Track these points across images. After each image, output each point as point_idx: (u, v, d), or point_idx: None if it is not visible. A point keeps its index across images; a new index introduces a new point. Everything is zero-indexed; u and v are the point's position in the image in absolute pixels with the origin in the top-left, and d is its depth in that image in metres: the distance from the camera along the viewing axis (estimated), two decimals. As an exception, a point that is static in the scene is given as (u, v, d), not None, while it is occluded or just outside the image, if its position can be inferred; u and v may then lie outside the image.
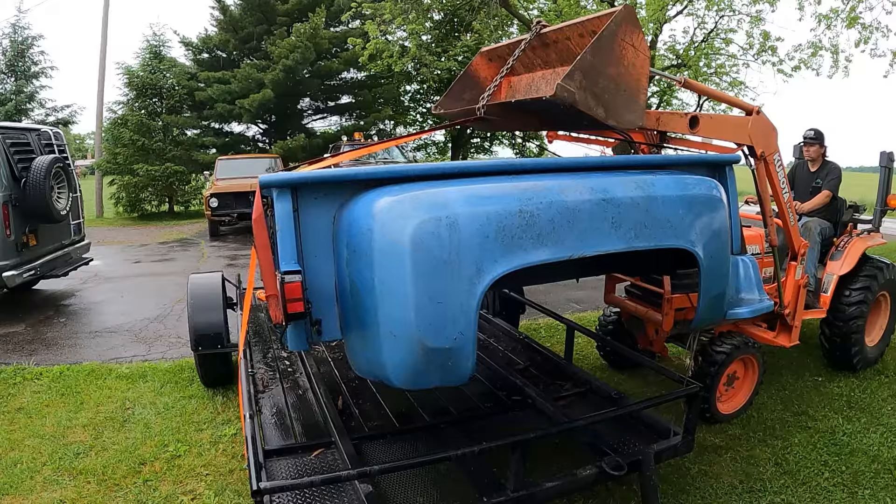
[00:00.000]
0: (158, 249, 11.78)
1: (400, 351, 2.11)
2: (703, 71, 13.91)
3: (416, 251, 2.03)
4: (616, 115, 2.77)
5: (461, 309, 2.09)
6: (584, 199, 2.32)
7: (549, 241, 2.21)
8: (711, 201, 2.72)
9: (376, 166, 2.72)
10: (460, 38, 16.33)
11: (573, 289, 8.19)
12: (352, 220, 2.16)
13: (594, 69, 2.64)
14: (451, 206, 2.09)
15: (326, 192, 2.22)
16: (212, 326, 4.17)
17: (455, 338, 2.11)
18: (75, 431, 3.87)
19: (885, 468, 3.48)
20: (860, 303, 4.59)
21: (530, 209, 2.19)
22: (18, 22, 18.99)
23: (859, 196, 5.34)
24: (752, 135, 3.49)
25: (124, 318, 6.57)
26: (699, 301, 2.84)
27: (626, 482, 3.16)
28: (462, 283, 2.08)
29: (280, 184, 2.16)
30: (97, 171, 18.54)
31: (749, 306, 3.22)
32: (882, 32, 11.21)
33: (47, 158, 6.38)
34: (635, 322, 4.52)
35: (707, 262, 2.69)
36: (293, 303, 2.08)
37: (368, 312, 2.12)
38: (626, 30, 2.72)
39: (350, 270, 2.16)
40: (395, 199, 2.12)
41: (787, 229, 3.99)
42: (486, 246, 2.09)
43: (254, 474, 2.13)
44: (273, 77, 16.20)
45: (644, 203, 2.46)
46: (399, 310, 2.06)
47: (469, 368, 2.19)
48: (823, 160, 5.09)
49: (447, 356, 2.13)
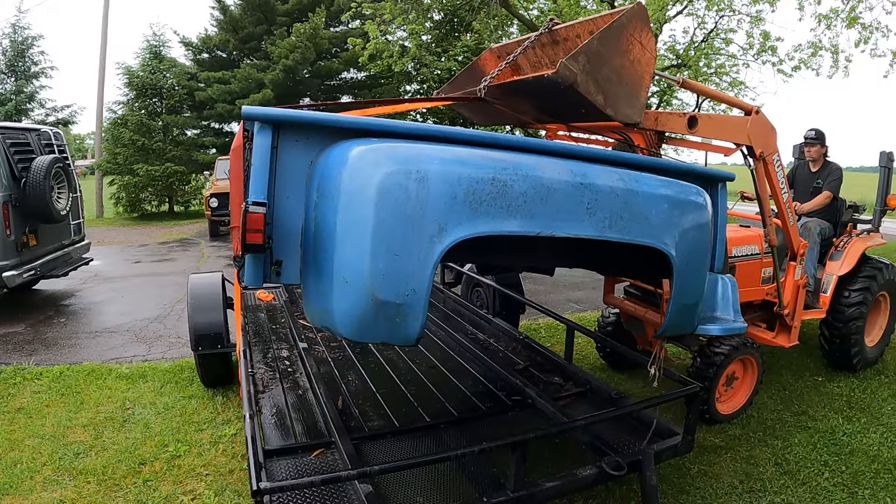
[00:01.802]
0: (158, 249, 11.78)
1: (349, 299, 2.08)
2: (703, 71, 13.92)
3: (381, 200, 2.01)
4: (615, 106, 2.76)
5: (418, 266, 2.06)
6: (561, 178, 2.30)
7: (518, 214, 2.19)
8: (694, 207, 2.66)
9: (362, 117, 2.77)
10: (460, 38, 16.31)
11: (573, 289, 8.20)
12: (326, 163, 2.16)
13: (599, 56, 2.65)
14: (423, 162, 2.08)
15: (309, 135, 2.21)
16: (212, 326, 4.17)
17: (407, 294, 2.08)
18: (75, 431, 3.87)
19: (885, 468, 3.49)
20: (860, 303, 4.58)
21: (504, 178, 2.17)
22: (18, 22, 19.00)
23: (858, 196, 5.35)
24: (751, 135, 3.48)
25: (124, 318, 6.57)
26: (668, 307, 2.76)
27: (626, 482, 3.16)
28: (422, 240, 2.05)
29: (263, 118, 2.15)
30: (97, 171, 18.55)
31: (721, 324, 3.09)
32: (882, 32, 11.22)
33: (47, 158, 6.38)
34: (634, 322, 4.52)
35: (681, 266, 2.62)
36: (253, 234, 2.06)
37: (326, 257, 2.10)
38: (636, 25, 2.74)
39: (316, 214, 2.15)
40: (370, 148, 2.11)
41: (786, 229, 3.98)
42: (453, 207, 2.08)
43: (254, 474, 2.13)
44: (273, 77, 16.21)
45: (624, 195, 2.42)
46: (355, 256, 2.04)
47: (417, 329, 2.16)
48: (824, 160, 5.08)
49: (396, 312, 2.10)
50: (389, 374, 3.80)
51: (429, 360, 4.08)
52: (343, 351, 4.21)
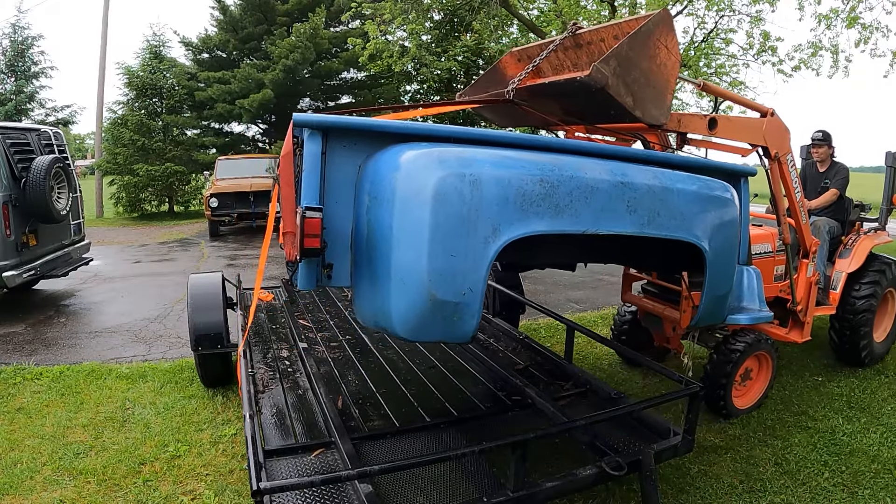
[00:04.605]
0: (158, 249, 11.78)
1: (408, 299, 2.14)
2: (703, 71, 13.90)
3: (437, 202, 2.09)
4: (643, 107, 2.87)
5: (473, 266, 2.14)
6: (602, 178, 2.40)
7: (565, 214, 2.29)
8: (724, 202, 2.79)
9: (407, 121, 2.93)
10: (460, 38, 16.31)
11: (573, 289, 8.19)
12: (377, 168, 2.23)
13: (629, 60, 2.76)
14: (475, 165, 2.16)
15: (356, 140, 2.28)
16: (212, 326, 4.17)
17: (464, 293, 2.16)
18: (75, 431, 3.87)
19: (885, 468, 3.49)
20: (869, 298, 4.72)
21: (551, 180, 2.25)
22: (18, 22, 18.96)
23: (859, 196, 5.41)
24: (767, 136, 3.59)
25: (124, 318, 6.57)
26: (702, 299, 2.88)
27: (626, 482, 3.16)
28: (477, 241, 2.13)
29: (312, 124, 2.21)
30: (97, 171, 18.53)
31: (749, 314, 3.31)
32: (882, 32, 11.23)
33: (47, 158, 6.38)
34: (652, 319, 4.61)
35: (713, 260, 2.74)
36: (311, 238, 2.12)
37: (382, 259, 2.16)
38: (663, 31, 2.87)
39: (369, 217, 2.21)
40: (422, 152, 2.18)
41: (798, 228, 4.10)
42: (505, 208, 2.16)
43: (254, 474, 2.13)
44: (273, 77, 16.20)
45: (660, 192, 2.53)
46: (413, 257, 2.10)
47: (473, 327, 2.23)
48: (831, 161, 5.21)
49: (453, 311, 2.17)
50: (389, 374, 3.80)
51: (429, 360, 4.08)
52: (343, 351, 4.21)
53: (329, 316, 5.03)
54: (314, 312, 5.14)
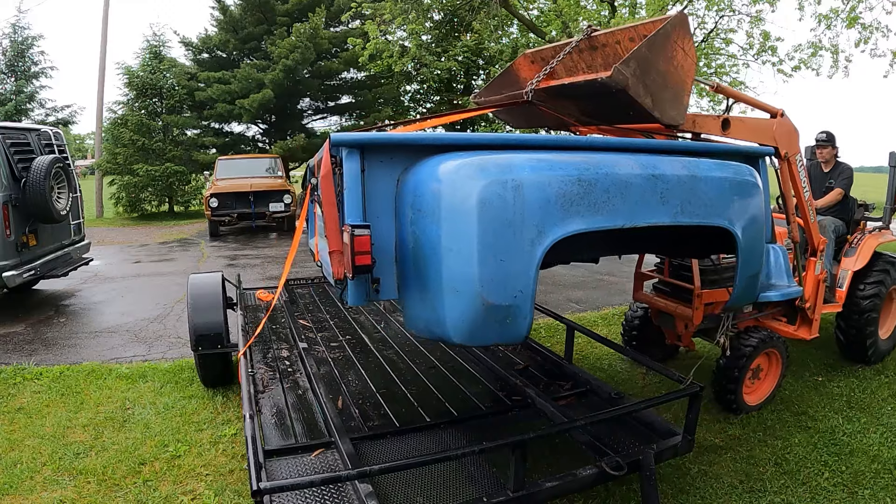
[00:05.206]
0: (158, 249, 11.78)
1: (461, 306, 2.19)
2: (704, 71, 13.91)
3: (482, 210, 2.13)
4: (661, 108, 2.91)
5: (522, 268, 2.19)
6: (634, 172, 2.46)
7: (604, 210, 2.35)
8: (750, 185, 2.86)
9: (441, 133, 3.03)
10: (460, 38, 16.33)
11: (573, 289, 8.19)
12: (418, 181, 2.26)
13: (648, 62, 2.80)
14: (515, 171, 2.20)
15: (392, 154, 2.32)
16: (212, 326, 4.17)
17: (515, 296, 2.21)
18: (75, 431, 3.87)
19: (885, 468, 3.49)
20: (874, 296, 4.78)
21: (588, 178, 2.31)
22: (18, 22, 18.98)
23: (860, 195, 5.45)
24: (777, 136, 3.65)
25: (124, 318, 6.57)
26: (736, 281, 2.96)
27: (626, 482, 3.16)
28: (524, 244, 2.18)
29: (350, 143, 2.25)
30: (97, 171, 18.54)
31: (779, 290, 3.42)
32: (882, 32, 11.25)
33: (47, 158, 6.38)
34: (664, 318, 4.66)
35: (745, 242, 2.82)
36: (361, 255, 2.15)
37: (432, 270, 2.21)
38: (680, 33, 2.91)
39: (415, 230, 2.25)
40: (463, 162, 2.22)
41: (807, 226, 4.14)
42: (547, 209, 2.21)
43: (254, 474, 2.13)
44: (273, 77, 16.20)
45: (689, 182, 2.60)
46: (463, 266, 2.15)
47: (526, 327, 2.28)
48: (836, 161, 5.27)
49: (506, 313, 2.22)
50: (390, 374, 3.80)
51: (429, 360, 4.08)
52: (343, 351, 4.21)
53: (329, 316, 5.03)
54: (314, 312, 5.14)
